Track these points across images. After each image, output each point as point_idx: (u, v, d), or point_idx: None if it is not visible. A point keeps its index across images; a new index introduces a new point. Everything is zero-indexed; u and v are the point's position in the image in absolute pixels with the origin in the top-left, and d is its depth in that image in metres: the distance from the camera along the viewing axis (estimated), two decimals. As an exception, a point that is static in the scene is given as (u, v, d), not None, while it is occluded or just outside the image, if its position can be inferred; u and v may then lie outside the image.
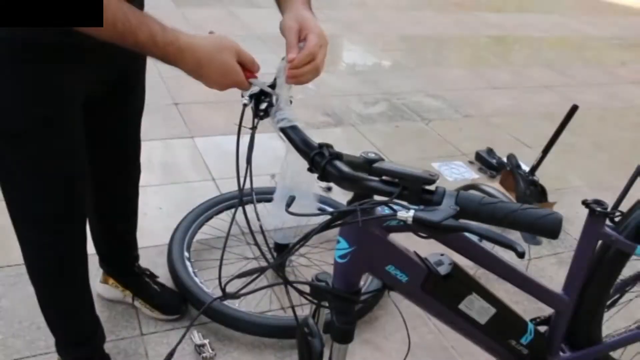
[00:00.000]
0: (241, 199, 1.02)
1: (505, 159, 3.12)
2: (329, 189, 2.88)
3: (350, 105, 4.03)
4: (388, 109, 4.05)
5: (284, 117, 1.08)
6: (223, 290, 0.97)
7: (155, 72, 4.07)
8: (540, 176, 2.92)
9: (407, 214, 0.85)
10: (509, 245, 0.83)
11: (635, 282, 1.80)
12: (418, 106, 4.14)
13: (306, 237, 0.96)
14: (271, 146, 3.26)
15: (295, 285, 1.07)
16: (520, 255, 0.84)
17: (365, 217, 0.93)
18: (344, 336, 1.14)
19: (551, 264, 2.57)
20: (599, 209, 1.47)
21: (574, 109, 2.85)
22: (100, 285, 2.05)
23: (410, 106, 4.13)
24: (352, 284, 1.12)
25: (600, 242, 1.56)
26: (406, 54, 5.42)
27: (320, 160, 0.96)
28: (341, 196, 2.73)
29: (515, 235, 2.65)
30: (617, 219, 1.55)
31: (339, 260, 1.10)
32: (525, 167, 2.99)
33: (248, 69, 1.15)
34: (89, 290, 1.69)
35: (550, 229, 0.84)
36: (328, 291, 1.11)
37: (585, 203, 1.49)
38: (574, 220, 2.89)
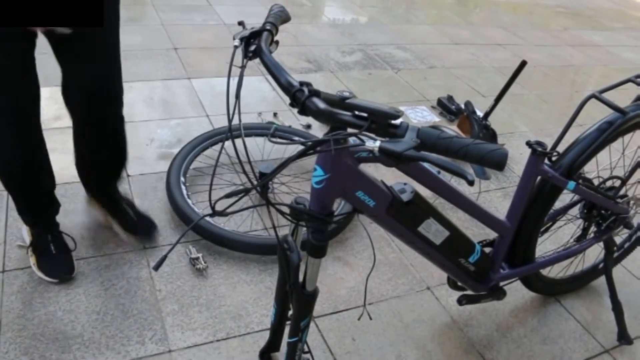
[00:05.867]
0: (230, 131, 0.98)
1: (463, 106, 3.11)
2: (308, 126, 2.84)
3: (330, 54, 3.95)
4: (363, 58, 3.97)
5: None
6: (212, 208, 0.96)
7: (158, 20, 3.94)
8: (492, 121, 2.92)
9: (374, 144, 0.84)
10: (460, 174, 0.82)
11: (565, 212, 1.83)
12: (389, 57, 4.08)
13: (286, 163, 0.94)
14: (259, 88, 3.21)
15: (277, 206, 1.06)
16: (470, 183, 0.83)
17: (337, 147, 0.91)
18: (318, 251, 1.13)
19: (497, 197, 2.60)
20: (539, 149, 1.47)
21: (523, 64, 2.83)
22: (86, 205, 1.99)
23: (382, 57, 4.06)
24: (326, 207, 1.12)
25: (539, 177, 1.57)
26: (380, 10, 5.29)
27: (301, 96, 0.93)
28: (320, 133, 2.71)
29: (469, 172, 2.66)
30: (554, 159, 1.56)
31: (315, 186, 1.09)
32: (480, 113, 2.98)
33: None
34: (43, 147, 1.60)
35: (498, 161, 0.82)
36: (305, 212, 1.10)
37: (528, 143, 1.49)
38: (519, 160, 2.92)
